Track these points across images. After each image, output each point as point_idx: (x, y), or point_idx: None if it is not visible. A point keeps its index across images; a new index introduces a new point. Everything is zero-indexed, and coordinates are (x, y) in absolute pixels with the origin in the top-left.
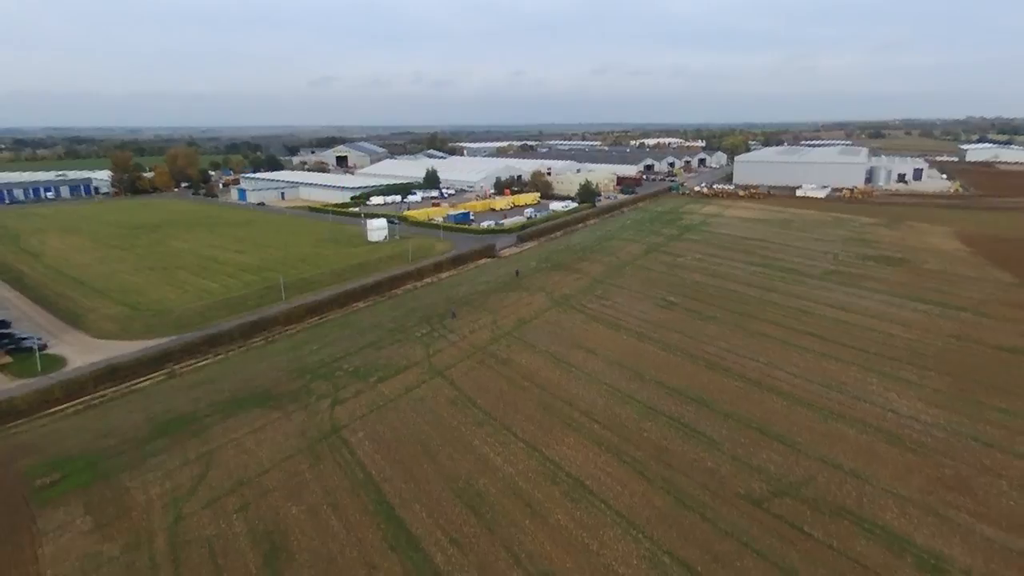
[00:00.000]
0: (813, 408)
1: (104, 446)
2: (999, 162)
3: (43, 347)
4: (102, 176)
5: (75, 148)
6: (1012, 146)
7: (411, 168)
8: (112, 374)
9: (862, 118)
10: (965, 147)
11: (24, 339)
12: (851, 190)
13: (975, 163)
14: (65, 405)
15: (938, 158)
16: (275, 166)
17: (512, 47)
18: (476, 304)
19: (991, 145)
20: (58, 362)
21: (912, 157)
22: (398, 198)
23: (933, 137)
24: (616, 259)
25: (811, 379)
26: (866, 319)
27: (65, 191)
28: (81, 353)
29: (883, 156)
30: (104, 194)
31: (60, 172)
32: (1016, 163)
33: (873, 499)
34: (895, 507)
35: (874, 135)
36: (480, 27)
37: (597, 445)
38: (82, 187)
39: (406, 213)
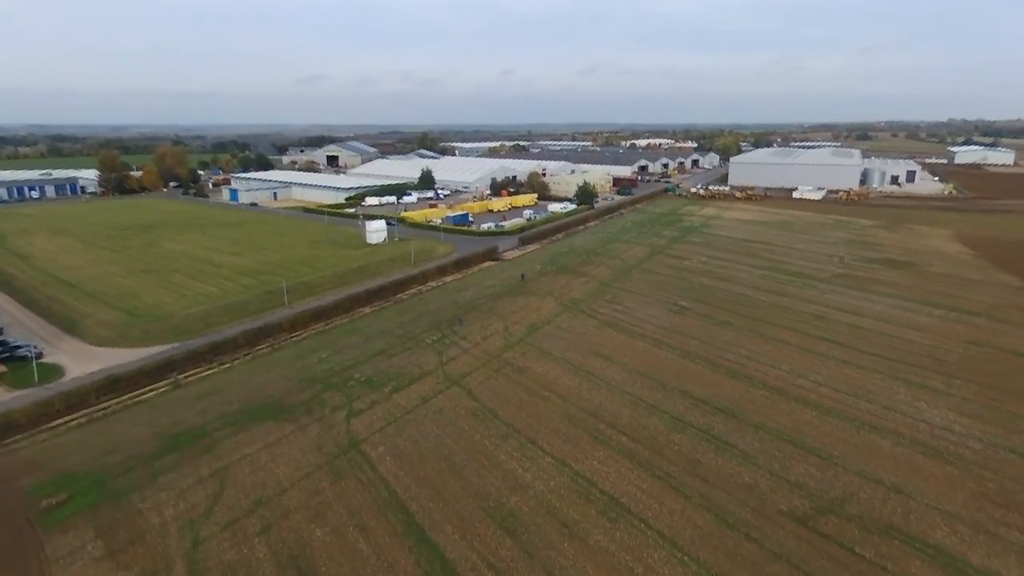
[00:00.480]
0: (844, 419)
1: (111, 463)
2: (987, 164)
3: (39, 355)
4: (88, 175)
5: (58, 146)
6: (999, 148)
7: (404, 168)
8: (114, 385)
9: (847, 119)
10: (954, 149)
11: (19, 347)
12: (847, 192)
13: (964, 165)
14: (66, 418)
15: (927, 160)
16: (265, 165)
17: (501, 46)
18: (485, 309)
19: (978, 147)
20: (56, 372)
21: (903, 159)
22: (393, 199)
23: (919, 139)
24: (621, 262)
25: (837, 388)
26: (881, 324)
27: (50, 190)
28: (79, 362)
29: (875, 158)
30: (91, 194)
31: (45, 171)
32: (1003, 165)
33: (920, 516)
34: (944, 525)
35: (861, 136)
36: (469, 26)
37: (628, 459)
38: (68, 186)
39: (403, 214)
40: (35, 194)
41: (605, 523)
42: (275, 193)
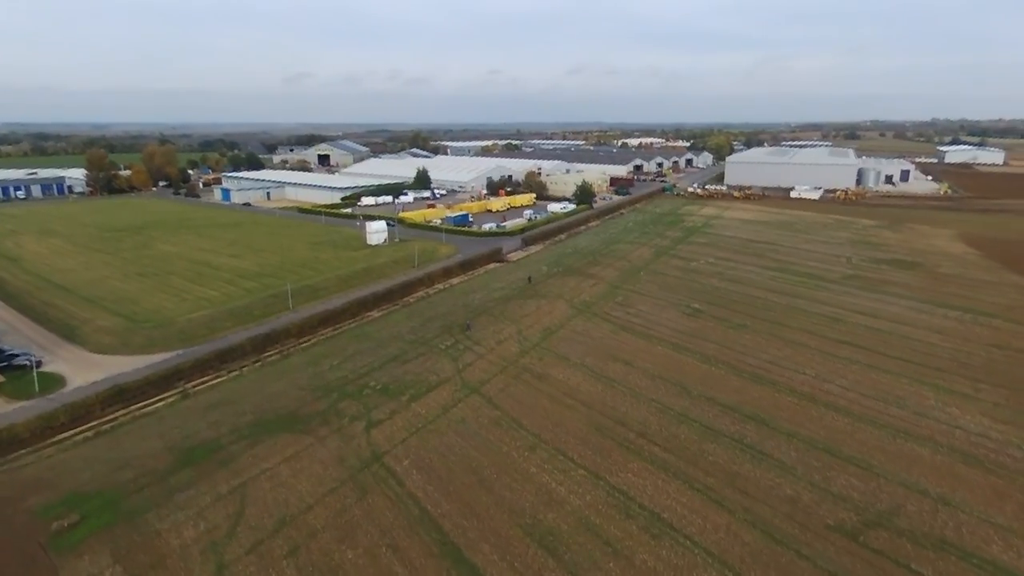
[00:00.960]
0: (877, 425)
1: (123, 480)
2: (977, 163)
3: (38, 364)
4: (76, 175)
5: (42, 144)
6: (988, 148)
7: (397, 167)
8: (120, 395)
9: (834, 119)
10: (943, 149)
11: (16, 355)
12: (845, 191)
13: (954, 164)
14: (71, 432)
15: (918, 159)
16: (256, 165)
17: (489, 45)
18: (496, 313)
19: (968, 147)
20: (56, 382)
21: (896, 159)
22: (389, 199)
23: (906, 138)
24: (628, 263)
25: (865, 393)
26: (900, 327)
27: (36, 190)
28: (80, 371)
29: (869, 157)
30: (79, 193)
31: (30, 170)
32: (993, 164)
33: (972, 530)
34: (998, 539)
35: (849, 136)
36: (457, 25)
37: (663, 471)
38: (54, 186)
39: (402, 215)
40: (21, 194)
41: (649, 540)
42: (268, 193)
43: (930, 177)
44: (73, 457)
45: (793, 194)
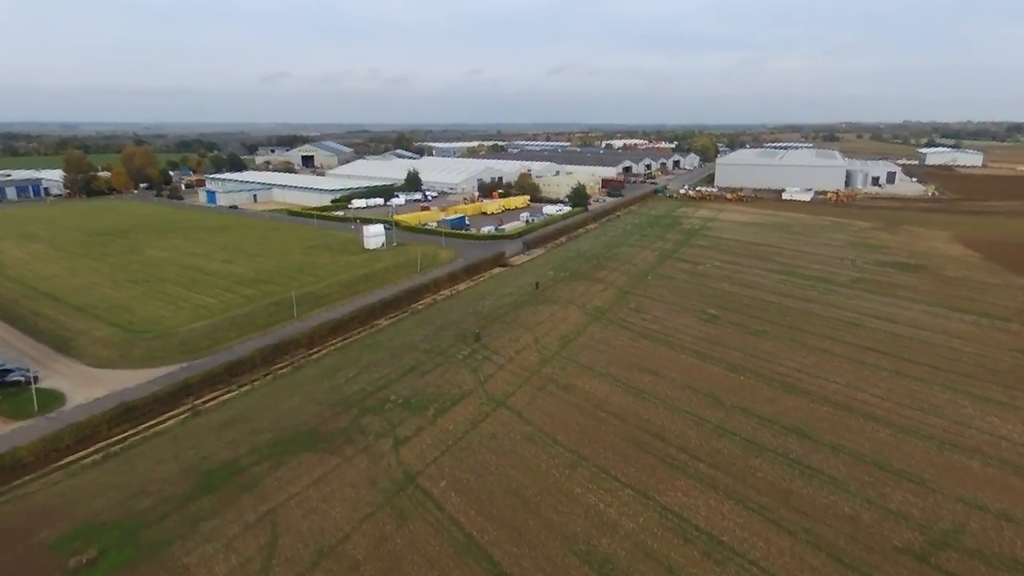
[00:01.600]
0: (920, 437)
1: (140, 508)
2: (957, 165)
3: (35, 380)
4: (52, 176)
5: (12, 145)
6: (967, 150)
7: (385, 169)
8: (127, 413)
9: (810, 120)
10: (923, 151)
11: (11, 371)
12: (836, 193)
13: (935, 166)
14: (79, 454)
15: (900, 161)
16: (238, 166)
17: (470, 45)
18: (509, 320)
19: (947, 149)
20: (56, 399)
21: (881, 160)
22: (380, 200)
23: (883, 140)
24: (634, 267)
25: (901, 402)
26: (919, 331)
27: (11, 192)
28: (80, 387)
29: (854, 159)
30: (56, 195)
31: (3, 172)
32: (972, 166)
33: None
34: None
35: (828, 138)
36: (437, 24)
37: (713, 489)
38: (31, 188)
39: (396, 217)
40: None
41: (713, 567)
42: (255, 195)
43: (914, 179)
44: (83, 483)
45: (785, 196)
